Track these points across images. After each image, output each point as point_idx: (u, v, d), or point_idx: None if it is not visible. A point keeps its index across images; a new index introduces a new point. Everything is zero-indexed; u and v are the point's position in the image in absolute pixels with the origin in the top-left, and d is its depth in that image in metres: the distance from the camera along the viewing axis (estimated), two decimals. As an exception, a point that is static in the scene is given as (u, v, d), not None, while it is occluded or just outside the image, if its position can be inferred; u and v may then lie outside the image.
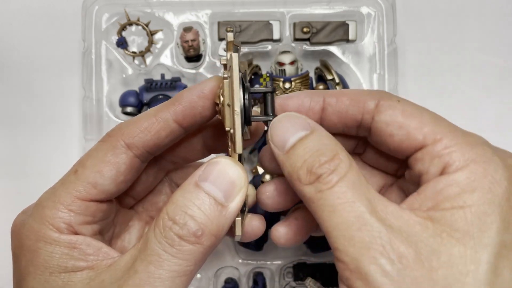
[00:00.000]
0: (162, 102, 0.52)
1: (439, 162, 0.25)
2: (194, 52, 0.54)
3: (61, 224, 0.27)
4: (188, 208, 0.25)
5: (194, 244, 0.25)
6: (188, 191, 0.26)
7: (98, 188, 0.28)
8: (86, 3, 0.54)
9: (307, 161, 0.25)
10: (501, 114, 0.57)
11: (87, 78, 0.54)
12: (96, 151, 0.29)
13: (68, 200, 0.28)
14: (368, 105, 0.29)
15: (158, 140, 0.29)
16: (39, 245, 0.27)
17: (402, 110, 0.28)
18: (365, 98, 0.29)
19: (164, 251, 0.25)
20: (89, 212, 0.28)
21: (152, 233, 0.26)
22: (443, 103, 0.58)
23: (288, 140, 0.27)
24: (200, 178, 0.26)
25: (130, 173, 0.29)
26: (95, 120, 0.54)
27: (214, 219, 0.26)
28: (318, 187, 0.25)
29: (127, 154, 0.29)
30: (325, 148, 0.26)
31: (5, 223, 0.57)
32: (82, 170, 0.29)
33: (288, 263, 0.54)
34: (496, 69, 0.58)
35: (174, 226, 0.25)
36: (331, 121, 0.30)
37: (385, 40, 0.54)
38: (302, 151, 0.26)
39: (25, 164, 0.57)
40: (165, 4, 0.55)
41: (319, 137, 0.27)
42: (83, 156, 0.30)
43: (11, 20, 0.58)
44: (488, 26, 0.59)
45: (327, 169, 0.25)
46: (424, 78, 0.58)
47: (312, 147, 0.26)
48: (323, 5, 0.55)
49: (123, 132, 0.29)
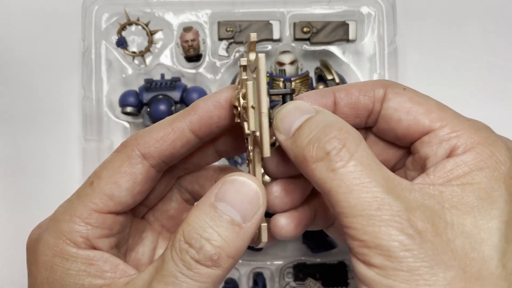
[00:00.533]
0: (162, 102, 0.53)
1: (447, 144, 0.27)
2: (194, 52, 0.54)
3: (78, 238, 0.27)
4: (204, 231, 0.25)
5: (211, 268, 0.25)
6: (204, 212, 0.25)
7: (115, 200, 0.28)
8: (86, 3, 0.54)
9: (313, 137, 0.25)
10: (501, 114, 0.57)
11: (87, 78, 0.54)
12: (111, 162, 0.29)
13: (85, 213, 0.27)
14: (378, 93, 0.29)
15: (174, 150, 0.29)
16: (55, 261, 0.27)
17: (409, 97, 0.29)
18: (374, 87, 0.30)
19: (181, 273, 0.24)
20: (106, 225, 0.28)
21: (169, 254, 0.25)
22: (443, 102, 0.58)
23: (293, 124, 0.26)
24: (217, 198, 0.25)
25: (146, 183, 0.29)
26: (95, 120, 0.54)
27: (231, 242, 0.25)
28: (330, 165, 0.24)
29: (143, 164, 0.28)
30: (332, 122, 0.25)
31: (5, 222, 0.57)
32: (98, 182, 0.28)
33: (288, 263, 0.54)
34: (496, 69, 0.58)
35: (190, 249, 0.25)
36: (344, 113, 0.30)
37: (385, 40, 0.54)
38: (307, 129, 0.25)
39: (25, 164, 0.57)
40: (165, 4, 0.55)
41: (324, 115, 0.26)
42: (98, 167, 0.29)
43: (11, 20, 0.58)
44: (488, 26, 0.58)
45: (336, 144, 0.24)
46: (424, 78, 0.58)
47: (318, 124, 0.25)
48: (323, 5, 0.55)
49: (139, 142, 0.28)
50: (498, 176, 0.25)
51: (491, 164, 0.25)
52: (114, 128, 0.56)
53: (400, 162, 0.32)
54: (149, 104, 0.53)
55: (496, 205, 0.25)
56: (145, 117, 0.53)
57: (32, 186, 0.56)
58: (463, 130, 0.27)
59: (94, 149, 0.54)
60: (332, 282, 0.52)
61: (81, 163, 0.55)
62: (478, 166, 0.25)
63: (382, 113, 0.29)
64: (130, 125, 0.56)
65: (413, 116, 0.28)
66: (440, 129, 0.27)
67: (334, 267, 0.53)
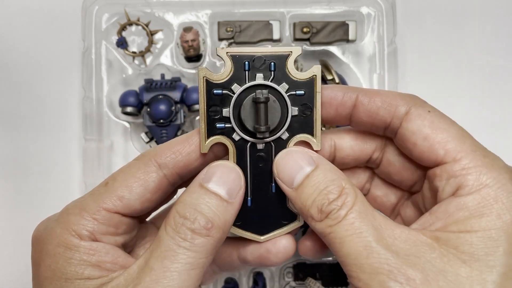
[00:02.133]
0: (162, 102, 0.53)
1: (454, 182, 0.27)
2: (194, 52, 0.54)
3: (84, 231, 0.28)
4: (197, 205, 0.28)
5: (205, 237, 0.27)
6: (194, 191, 0.28)
7: (124, 202, 0.29)
8: (86, 3, 0.54)
9: (316, 200, 0.27)
10: (501, 114, 0.57)
11: (87, 78, 0.54)
12: (128, 167, 0.31)
13: (93, 209, 0.29)
14: (399, 110, 0.29)
15: (188, 161, 0.30)
16: (58, 250, 0.28)
17: (431, 121, 0.28)
18: (398, 102, 0.30)
19: (178, 245, 0.27)
20: (112, 223, 0.29)
21: (164, 231, 0.27)
22: (443, 103, 0.58)
23: (295, 177, 0.29)
24: (204, 180, 0.29)
25: (157, 192, 0.30)
26: (95, 120, 0.54)
27: (221, 214, 0.28)
28: (328, 223, 0.27)
29: (158, 174, 0.30)
30: (332, 184, 0.28)
31: (5, 222, 0.57)
32: (112, 183, 0.30)
33: (288, 263, 0.54)
34: (496, 69, 0.58)
35: (185, 221, 0.27)
36: (360, 118, 0.31)
37: (385, 40, 0.54)
38: (310, 189, 0.28)
39: (25, 164, 0.57)
40: (165, 4, 0.55)
41: (324, 172, 0.28)
42: (116, 171, 0.31)
43: (11, 20, 0.58)
44: (488, 26, 0.59)
45: (335, 206, 0.27)
46: (424, 78, 0.58)
47: (319, 185, 0.28)
48: (323, 5, 0.55)
49: (156, 152, 0.30)
50: (499, 225, 0.24)
51: (494, 210, 0.25)
52: (114, 128, 0.56)
53: (418, 183, 0.32)
54: (149, 104, 0.53)
55: (493, 257, 0.24)
56: (145, 117, 0.53)
57: (32, 186, 0.57)
58: (474, 168, 0.26)
59: (94, 149, 0.54)
60: (332, 282, 0.52)
61: (81, 163, 0.55)
62: (480, 212, 0.25)
63: (400, 131, 0.29)
64: (130, 125, 0.56)
65: (429, 143, 0.28)
66: (452, 164, 0.27)
67: (334, 267, 0.53)
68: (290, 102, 0.30)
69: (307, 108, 0.30)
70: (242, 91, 0.30)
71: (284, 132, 0.30)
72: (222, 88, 0.30)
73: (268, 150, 0.31)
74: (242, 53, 0.30)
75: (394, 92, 0.31)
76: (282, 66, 0.30)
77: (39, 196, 0.56)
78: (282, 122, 0.30)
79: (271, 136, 0.30)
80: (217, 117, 0.30)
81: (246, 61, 0.30)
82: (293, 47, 0.30)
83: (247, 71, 0.30)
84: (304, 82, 0.30)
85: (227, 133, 0.30)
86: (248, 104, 0.30)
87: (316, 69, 0.30)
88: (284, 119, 0.30)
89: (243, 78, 0.30)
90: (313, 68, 0.30)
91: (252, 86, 0.30)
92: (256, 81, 0.30)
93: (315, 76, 0.30)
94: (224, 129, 0.30)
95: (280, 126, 0.30)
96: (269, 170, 0.31)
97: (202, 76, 0.29)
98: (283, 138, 0.30)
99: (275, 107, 0.30)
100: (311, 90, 0.30)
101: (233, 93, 0.30)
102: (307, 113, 0.30)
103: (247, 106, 0.30)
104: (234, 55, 0.30)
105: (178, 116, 0.53)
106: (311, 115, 0.30)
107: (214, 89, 0.30)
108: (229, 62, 0.30)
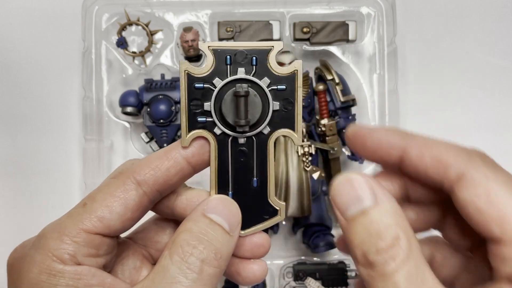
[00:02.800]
0: (162, 102, 0.53)
1: (508, 266, 0.24)
2: (194, 52, 0.54)
3: (65, 255, 0.27)
4: (205, 234, 0.27)
5: (214, 268, 0.26)
6: (199, 220, 0.28)
7: (104, 223, 0.28)
8: (86, 3, 0.54)
9: (364, 244, 0.25)
10: (501, 114, 0.57)
11: (87, 78, 0.54)
12: (107, 186, 0.29)
13: (73, 232, 0.27)
14: (450, 173, 0.26)
15: (168, 177, 0.30)
16: (41, 278, 0.26)
17: (488, 190, 0.24)
18: (450, 160, 0.26)
19: (185, 276, 0.26)
20: (94, 244, 0.28)
21: (169, 261, 0.26)
22: (443, 103, 0.58)
23: (349, 208, 0.26)
24: (206, 210, 0.28)
25: (137, 210, 0.29)
26: (95, 120, 0.54)
27: (226, 245, 0.28)
28: (370, 273, 0.24)
29: (137, 191, 0.29)
30: (386, 230, 0.25)
31: (5, 222, 0.57)
32: (91, 204, 0.29)
33: (288, 263, 0.54)
34: (496, 69, 0.58)
35: (195, 251, 0.26)
36: (410, 174, 0.28)
37: (385, 40, 0.54)
38: (361, 229, 0.25)
39: (25, 164, 0.57)
40: (165, 4, 0.55)
41: (381, 214, 0.25)
42: (93, 190, 0.30)
43: (11, 20, 0.59)
44: (488, 26, 0.59)
45: (382, 258, 0.24)
46: (424, 78, 0.58)
47: (372, 228, 0.25)
48: (323, 5, 0.55)
49: (134, 169, 0.29)
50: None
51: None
52: (114, 128, 0.56)
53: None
54: (149, 104, 0.53)
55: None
56: (145, 117, 0.53)
57: (32, 186, 0.57)
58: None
59: (94, 149, 0.54)
60: (332, 282, 0.52)
61: (81, 163, 0.55)
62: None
63: (452, 197, 0.26)
64: (130, 125, 0.56)
65: (483, 217, 0.24)
66: (507, 246, 0.24)
67: (334, 267, 0.53)
68: (271, 96, 0.30)
69: (289, 103, 0.30)
70: (224, 85, 0.30)
71: (266, 127, 0.30)
72: (204, 82, 0.30)
73: (249, 144, 0.31)
74: (224, 47, 0.30)
75: (449, 144, 0.26)
76: (264, 61, 0.30)
77: (39, 196, 0.56)
78: (264, 116, 0.30)
79: (252, 130, 0.30)
80: (198, 111, 0.30)
81: (227, 55, 0.30)
82: (274, 41, 0.30)
83: (228, 65, 0.30)
84: (285, 77, 0.30)
85: (208, 127, 0.30)
86: (229, 98, 0.30)
87: (298, 64, 0.30)
88: (265, 113, 0.30)
89: (225, 72, 0.30)
90: (294, 62, 0.30)
91: (234, 80, 0.30)
92: (237, 75, 0.30)
93: (296, 71, 0.30)
94: (205, 123, 0.30)
95: (262, 120, 0.30)
96: (251, 165, 0.31)
97: (184, 70, 0.30)
98: (264, 133, 0.30)
99: (255, 102, 0.30)
100: (293, 85, 0.30)
101: (215, 87, 0.30)
102: (289, 108, 0.30)
103: (228, 100, 0.30)
104: (216, 49, 0.30)
105: (178, 116, 0.53)
106: (293, 109, 0.30)
107: (195, 83, 0.30)
108: (211, 56, 0.30)
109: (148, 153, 0.55)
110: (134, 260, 0.33)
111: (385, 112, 0.54)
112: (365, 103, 0.56)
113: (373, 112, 0.56)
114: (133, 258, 0.33)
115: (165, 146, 0.53)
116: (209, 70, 0.30)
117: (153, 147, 0.54)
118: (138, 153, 0.56)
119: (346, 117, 0.54)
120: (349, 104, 0.54)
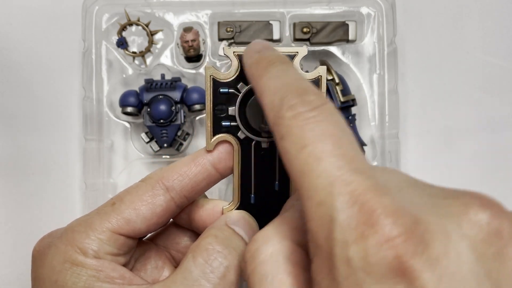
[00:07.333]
0: (163, 102, 0.53)
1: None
2: (194, 52, 0.54)
3: (89, 250, 0.28)
4: (230, 242, 0.28)
5: (237, 275, 0.27)
6: (223, 229, 0.29)
7: (130, 225, 0.29)
8: (86, 3, 0.54)
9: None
10: (501, 114, 0.57)
11: (87, 78, 0.54)
12: (135, 188, 0.30)
13: (99, 229, 0.28)
14: None
15: (195, 183, 0.30)
16: (65, 266, 0.27)
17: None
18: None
19: (207, 281, 0.26)
20: (117, 244, 0.29)
21: (193, 264, 0.27)
22: (443, 103, 0.58)
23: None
24: (229, 222, 0.30)
25: (164, 216, 0.30)
26: (95, 120, 0.54)
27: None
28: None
29: (165, 197, 0.30)
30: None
31: (5, 222, 0.57)
32: (119, 204, 0.29)
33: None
34: (496, 69, 0.58)
35: (219, 255, 0.27)
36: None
37: (385, 40, 0.54)
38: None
39: (25, 164, 0.57)
40: (165, 4, 0.55)
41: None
42: (122, 191, 0.31)
43: (11, 20, 0.59)
44: (488, 26, 0.59)
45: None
46: (424, 78, 0.58)
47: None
48: (323, 5, 0.55)
49: (163, 175, 0.30)
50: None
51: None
52: (115, 128, 0.56)
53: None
54: (149, 104, 0.53)
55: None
56: (145, 117, 0.53)
57: (32, 186, 0.57)
58: None
59: (95, 149, 0.54)
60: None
61: (81, 163, 0.55)
62: None
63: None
64: (131, 125, 0.56)
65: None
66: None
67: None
68: None
69: None
70: (248, 90, 0.30)
71: None
72: (228, 87, 0.30)
73: (272, 148, 0.31)
74: None
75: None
76: None
77: (39, 196, 0.56)
78: None
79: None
80: (223, 116, 0.30)
81: None
82: (299, 47, 0.30)
83: None
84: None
85: (232, 131, 0.30)
86: (253, 104, 0.30)
87: (322, 69, 0.30)
88: None
89: None
90: (319, 68, 0.30)
91: None
92: None
93: (320, 76, 0.30)
94: (229, 127, 0.30)
95: None
96: (273, 168, 0.31)
97: (209, 75, 0.30)
98: None
99: None
100: None
101: (239, 92, 0.30)
102: None
103: (253, 105, 0.30)
104: (241, 55, 0.30)
105: (178, 116, 0.53)
106: None
107: (220, 88, 0.30)
108: (236, 62, 0.30)
109: (148, 153, 0.55)
110: (156, 260, 0.34)
111: (385, 112, 0.54)
112: (365, 103, 0.56)
113: (373, 112, 0.56)
114: (156, 258, 0.34)
115: (165, 146, 0.53)
116: (234, 75, 0.30)
117: (153, 147, 0.54)
118: (138, 153, 0.56)
119: (346, 117, 0.54)
120: (349, 104, 0.54)
